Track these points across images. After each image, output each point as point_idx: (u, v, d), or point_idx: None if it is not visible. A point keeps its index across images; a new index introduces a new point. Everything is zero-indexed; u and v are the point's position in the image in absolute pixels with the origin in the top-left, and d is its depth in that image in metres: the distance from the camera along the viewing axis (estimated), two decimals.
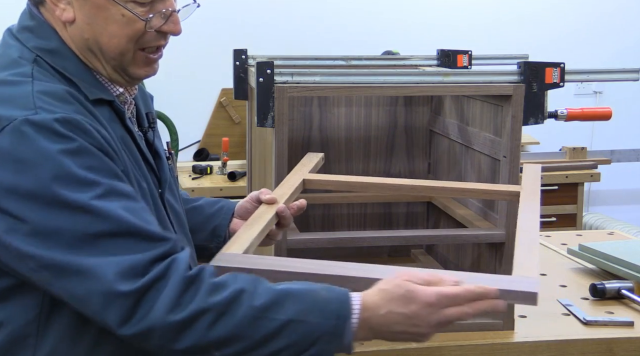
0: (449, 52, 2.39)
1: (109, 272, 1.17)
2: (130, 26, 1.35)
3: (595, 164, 4.47)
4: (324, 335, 1.20)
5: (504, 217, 1.87)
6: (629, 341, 1.86)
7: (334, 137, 2.37)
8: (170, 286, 1.18)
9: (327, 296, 1.22)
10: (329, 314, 1.20)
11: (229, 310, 1.18)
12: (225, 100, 4.70)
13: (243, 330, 1.18)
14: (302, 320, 1.19)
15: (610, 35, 5.17)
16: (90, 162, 1.22)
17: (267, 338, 1.19)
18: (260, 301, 1.19)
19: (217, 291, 1.19)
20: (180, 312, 1.17)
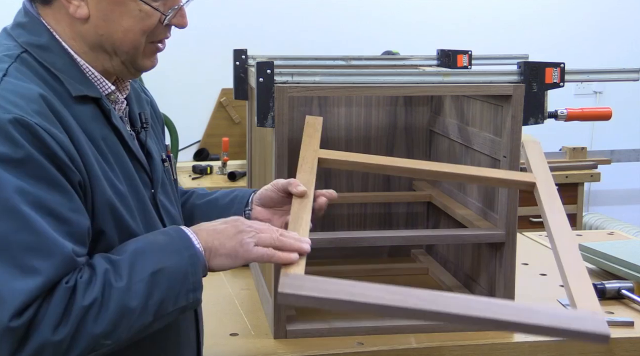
0: (449, 52, 2.39)
1: (9, 306, 1.16)
2: (146, 20, 1.36)
3: (595, 164, 4.47)
4: (187, 266, 1.29)
5: (504, 216, 1.87)
6: (629, 341, 1.86)
7: (334, 137, 2.37)
8: (54, 304, 1.19)
9: (167, 238, 1.32)
10: (178, 250, 1.30)
11: (104, 299, 1.22)
12: (225, 100, 4.70)
13: (122, 308, 1.23)
14: (162, 267, 1.27)
15: (610, 35, 5.17)
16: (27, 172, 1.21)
17: (145, 301, 1.25)
18: (124, 273, 1.25)
19: (90, 287, 1.22)
20: (65, 326, 1.19)
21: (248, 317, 1.99)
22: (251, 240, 1.34)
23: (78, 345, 1.20)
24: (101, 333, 1.22)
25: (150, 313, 1.26)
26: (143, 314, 1.25)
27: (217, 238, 1.35)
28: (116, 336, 1.24)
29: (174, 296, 1.28)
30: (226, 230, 1.36)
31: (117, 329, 1.23)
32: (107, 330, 1.22)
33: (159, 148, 1.54)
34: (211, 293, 2.13)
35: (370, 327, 1.86)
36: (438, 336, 1.85)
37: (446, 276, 2.23)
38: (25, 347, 1.17)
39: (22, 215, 1.18)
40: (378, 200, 2.43)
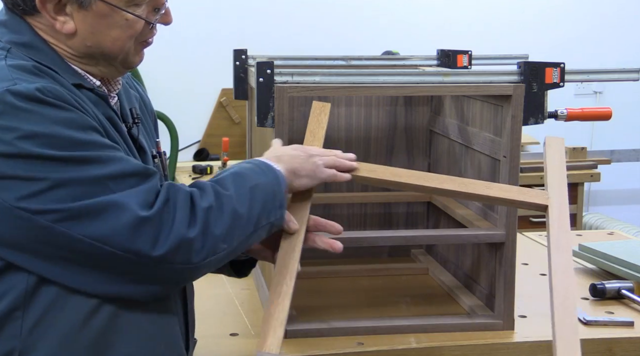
0: (449, 52, 2.39)
1: (132, 202, 1.25)
2: (132, 28, 1.37)
3: (595, 164, 4.47)
4: (274, 185, 1.42)
5: (504, 217, 1.87)
6: (629, 341, 1.86)
7: (334, 137, 2.37)
8: (179, 205, 1.29)
9: (252, 165, 1.44)
10: (264, 173, 1.42)
11: (218, 203, 1.32)
12: (225, 100, 4.70)
13: (234, 212, 1.33)
14: (257, 183, 1.39)
15: (610, 35, 5.17)
16: (77, 123, 1.27)
17: (249, 209, 1.36)
18: (229, 185, 1.36)
19: (204, 194, 1.32)
20: (195, 226, 1.28)
21: (248, 317, 1.99)
22: (321, 162, 1.51)
23: (206, 245, 1.29)
24: (220, 234, 1.31)
25: (252, 223, 1.36)
26: (248, 222, 1.36)
27: (297, 162, 1.49)
28: (230, 240, 1.33)
29: (267, 210, 1.39)
30: (300, 155, 1.51)
31: (231, 233, 1.33)
32: (225, 233, 1.31)
33: (150, 144, 1.55)
34: (211, 293, 2.13)
35: (370, 327, 1.86)
36: (438, 336, 1.85)
37: (446, 276, 2.23)
38: (166, 239, 1.25)
39: (104, 159, 1.27)
40: (378, 200, 2.43)
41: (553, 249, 1.51)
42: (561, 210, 1.58)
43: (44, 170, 1.23)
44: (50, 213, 1.23)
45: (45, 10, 1.33)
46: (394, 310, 2.03)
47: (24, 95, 1.24)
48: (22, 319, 1.29)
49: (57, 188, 1.23)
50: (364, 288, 2.21)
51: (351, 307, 2.05)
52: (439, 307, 2.04)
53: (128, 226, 1.24)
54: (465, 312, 2.00)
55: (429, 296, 2.14)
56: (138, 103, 1.57)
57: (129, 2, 1.35)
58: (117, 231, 1.24)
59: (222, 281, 2.23)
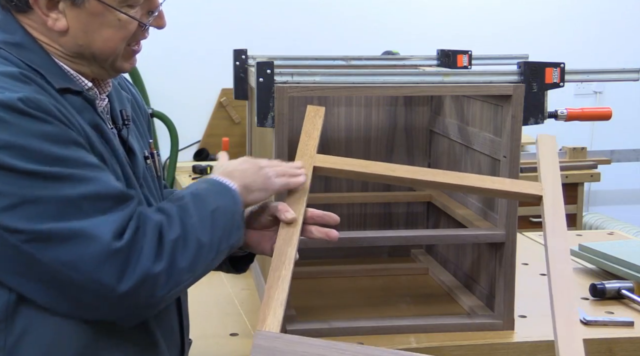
0: (449, 52, 2.39)
1: (103, 231, 1.22)
2: (125, 29, 1.36)
3: (595, 164, 4.47)
4: (232, 206, 1.40)
5: (504, 217, 1.87)
6: (629, 341, 1.86)
7: (334, 137, 2.37)
8: (148, 237, 1.26)
9: (208, 185, 1.42)
10: (221, 193, 1.40)
11: (184, 234, 1.30)
12: (225, 100, 4.70)
13: (198, 242, 1.31)
14: (217, 206, 1.37)
15: (610, 35, 5.17)
16: (57, 137, 1.24)
17: (211, 236, 1.34)
18: (192, 212, 1.34)
19: (172, 224, 1.30)
20: (161, 260, 1.26)
21: (248, 317, 1.99)
22: (272, 173, 1.48)
23: (171, 279, 1.27)
24: (185, 267, 1.29)
25: (214, 249, 1.34)
26: (211, 249, 1.34)
27: (249, 176, 1.46)
28: (194, 270, 1.31)
29: (227, 233, 1.37)
30: (250, 168, 1.47)
31: (196, 263, 1.31)
32: (190, 264, 1.30)
33: (142, 145, 1.53)
34: (211, 293, 2.13)
35: (370, 327, 1.86)
36: (438, 336, 1.85)
37: (446, 276, 2.23)
38: (132, 274, 1.23)
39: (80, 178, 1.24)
40: (378, 200, 2.43)
41: (549, 235, 1.51)
42: (555, 200, 1.58)
43: (15, 184, 1.20)
44: (18, 233, 1.20)
45: (38, 6, 1.32)
46: (394, 310, 2.03)
47: (5, 104, 1.21)
48: (5, 332, 1.28)
49: (27, 204, 1.20)
50: (364, 288, 2.21)
51: (351, 307, 2.05)
52: (439, 307, 2.05)
53: (96, 256, 1.21)
54: (465, 312, 2.00)
55: (429, 296, 2.15)
56: (130, 104, 1.56)
57: (123, 3, 1.34)
58: (85, 260, 1.21)
59: (222, 282, 2.23)
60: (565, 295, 1.40)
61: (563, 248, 1.49)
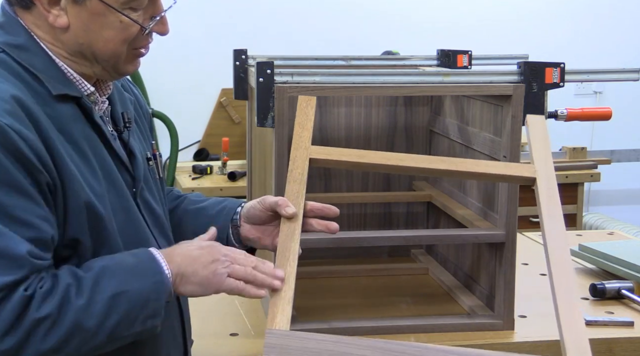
0: (449, 52, 2.39)
1: None
2: (126, 31, 1.36)
3: (595, 164, 4.47)
4: (150, 293, 1.29)
5: (504, 216, 1.87)
6: (629, 341, 1.86)
7: (334, 137, 2.37)
8: (7, 310, 1.19)
9: (136, 260, 1.31)
10: (144, 274, 1.29)
11: (59, 314, 1.21)
12: (225, 100, 4.70)
13: (78, 325, 1.22)
14: (124, 290, 1.26)
15: (610, 35, 5.17)
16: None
17: (101, 322, 1.24)
18: (86, 291, 1.24)
19: (48, 299, 1.21)
20: (13, 336, 1.18)
21: (248, 317, 1.99)
22: (225, 271, 1.33)
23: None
24: (49, 349, 1.21)
25: (104, 335, 1.25)
26: (97, 335, 1.24)
27: (191, 265, 1.33)
28: (64, 353, 1.23)
29: (131, 321, 1.27)
30: (201, 257, 1.34)
31: (66, 346, 1.22)
32: (56, 347, 1.22)
33: (143, 147, 1.53)
34: None
35: (370, 327, 1.86)
36: (438, 336, 1.85)
37: (446, 276, 2.23)
38: None
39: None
40: (378, 200, 2.43)
41: (545, 218, 1.51)
42: (549, 182, 1.58)
43: None
44: None
45: (40, 2, 1.33)
46: (394, 310, 2.03)
47: None
48: None
49: None
50: (364, 288, 2.21)
51: (351, 307, 2.05)
52: (439, 307, 2.05)
53: None
54: (465, 312, 2.00)
55: (429, 296, 2.15)
56: (133, 106, 1.55)
57: (125, 5, 1.34)
58: None
59: None
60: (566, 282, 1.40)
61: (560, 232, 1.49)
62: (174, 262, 1.33)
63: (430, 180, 2.43)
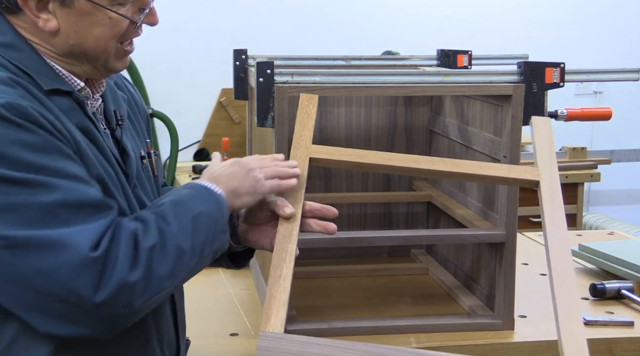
0: (449, 52, 2.39)
1: (80, 240, 1.21)
2: (116, 27, 1.36)
3: (595, 164, 4.47)
4: (216, 211, 1.38)
5: (504, 216, 1.87)
6: (629, 341, 1.86)
7: (334, 137, 2.37)
8: (123, 246, 1.25)
9: (191, 191, 1.40)
10: (204, 199, 1.38)
11: (162, 241, 1.29)
12: (225, 100, 4.70)
13: (179, 248, 1.30)
14: (199, 212, 1.35)
15: (611, 35, 5.17)
16: (37, 144, 1.23)
17: (193, 242, 1.32)
18: (171, 219, 1.32)
19: (147, 233, 1.29)
20: (137, 268, 1.25)
21: (248, 317, 2.00)
22: (261, 176, 1.44)
23: (149, 287, 1.25)
24: (165, 274, 1.27)
25: (196, 255, 1.33)
26: (192, 255, 1.32)
27: (235, 180, 1.42)
28: (175, 277, 1.30)
29: (211, 238, 1.35)
30: (238, 171, 1.44)
31: (176, 270, 1.29)
32: (169, 271, 1.28)
33: (137, 145, 1.53)
34: (211, 293, 2.13)
35: (370, 327, 1.86)
36: (438, 336, 1.85)
37: (446, 276, 2.23)
38: (107, 283, 1.21)
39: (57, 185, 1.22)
40: (378, 200, 2.43)
41: (548, 223, 1.50)
42: (552, 185, 1.58)
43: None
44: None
45: (28, 7, 1.32)
46: (394, 310, 2.03)
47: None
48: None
49: (5, 211, 1.19)
50: (364, 288, 2.21)
51: (351, 307, 2.05)
52: (439, 307, 2.05)
53: (72, 265, 1.20)
54: (465, 312, 2.00)
55: (429, 296, 2.15)
56: (128, 104, 1.55)
57: (113, 1, 1.33)
58: (60, 269, 1.20)
59: (222, 281, 2.23)
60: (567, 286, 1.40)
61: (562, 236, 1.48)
62: (220, 183, 1.41)
63: (430, 180, 2.43)
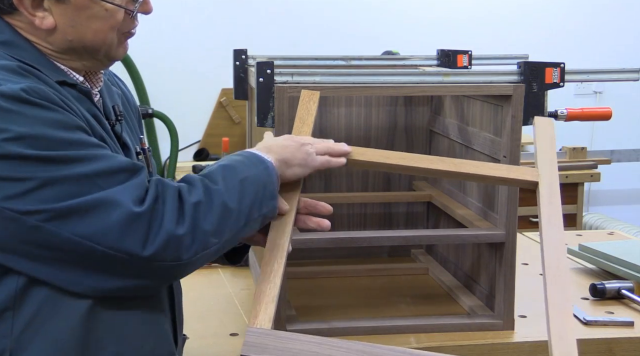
0: (449, 52, 2.39)
1: (123, 198, 1.25)
2: (113, 18, 1.37)
3: (595, 164, 4.47)
4: (265, 177, 1.41)
5: (504, 216, 1.87)
6: (629, 341, 1.86)
7: (334, 137, 2.35)
8: (168, 201, 1.28)
9: (242, 158, 1.43)
10: (254, 165, 1.41)
11: (207, 198, 1.31)
12: (225, 100, 4.70)
13: (224, 205, 1.33)
14: (247, 176, 1.38)
15: (610, 35, 5.17)
16: (62, 122, 1.27)
17: (239, 203, 1.35)
18: (218, 179, 1.35)
19: (193, 189, 1.32)
20: (183, 222, 1.28)
21: (248, 317, 1.99)
22: (313, 150, 1.49)
23: (195, 242, 1.28)
24: (210, 230, 1.30)
25: (243, 216, 1.35)
26: (239, 216, 1.35)
27: (287, 151, 1.47)
28: (221, 235, 1.32)
29: (259, 202, 1.38)
30: (291, 145, 1.48)
31: (222, 227, 1.32)
32: (215, 228, 1.30)
33: (134, 141, 1.54)
34: (211, 293, 2.13)
35: (370, 327, 1.86)
36: (438, 336, 1.85)
37: (446, 276, 2.23)
38: (155, 237, 1.25)
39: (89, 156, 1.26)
40: (378, 200, 2.43)
41: (544, 224, 1.50)
42: (551, 187, 1.58)
43: (31, 171, 1.22)
44: (39, 213, 1.22)
45: (23, 7, 1.33)
46: (394, 310, 2.03)
47: (9, 95, 1.23)
48: (13, 319, 1.29)
49: (44, 187, 1.23)
50: (364, 288, 2.21)
51: (351, 307, 2.05)
52: (439, 307, 2.04)
53: (118, 223, 1.24)
54: (465, 312, 2.00)
55: (429, 296, 2.15)
56: (121, 100, 1.57)
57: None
58: (107, 229, 1.23)
59: (222, 281, 2.23)
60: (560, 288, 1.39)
61: (559, 239, 1.48)
62: (272, 152, 1.46)
63: (430, 180, 2.43)
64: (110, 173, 1.26)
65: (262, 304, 1.33)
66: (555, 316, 1.34)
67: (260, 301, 1.33)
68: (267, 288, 1.35)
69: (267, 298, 1.33)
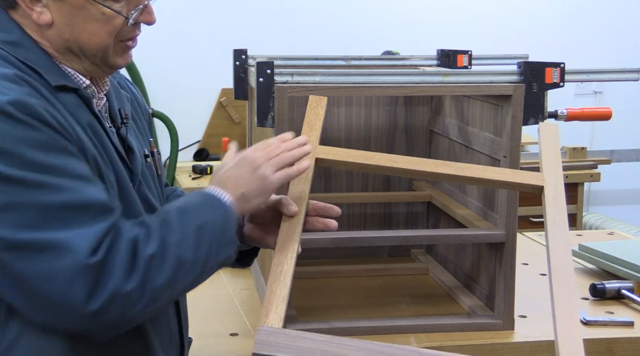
0: (449, 52, 2.39)
1: (80, 245, 1.20)
2: (110, 23, 1.35)
3: (595, 164, 4.47)
4: (223, 223, 1.35)
5: (504, 216, 1.87)
6: (629, 341, 1.86)
7: (334, 137, 2.37)
8: (121, 253, 1.23)
9: (200, 199, 1.37)
10: (212, 208, 1.35)
11: (163, 250, 1.26)
12: (225, 100, 4.70)
13: (179, 258, 1.27)
14: (204, 222, 1.32)
15: (610, 35, 5.17)
16: (44, 144, 1.23)
17: (194, 253, 1.29)
18: (175, 227, 1.29)
19: (149, 240, 1.26)
20: (134, 277, 1.22)
21: (248, 317, 2.00)
22: (270, 171, 1.40)
23: (144, 296, 1.23)
24: (162, 285, 1.25)
25: (198, 266, 1.30)
26: (194, 267, 1.29)
27: (244, 183, 1.39)
28: (174, 288, 1.28)
29: (216, 250, 1.33)
30: (245, 172, 1.40)
31: (175, 281, 1.27)
32: (167, 282, 1.26)
33: (141, 144, 1.53)
34: (211, 293, 2.13)
35: (370, 327, 1.86)
36: (438, 336, 1.85)
37: (446, 276, 2.23)
38: (102, 292, 1.20)
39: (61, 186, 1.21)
40: (378, 200, 2.43)
41: (550, 227, 1.50)
42: (557, 191, 1.58)
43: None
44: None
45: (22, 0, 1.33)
46: (394, 310, 2.03)
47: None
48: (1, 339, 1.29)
49: (6, 210, 1.19)
50: (364, 288, 2.21)
51: (351, 307, 2.05)
52: (439, 307, 2.05)
53: (69, 270, 1.19)
54: (465, 312, 2.00)
55: (429, 296, 2.15)
56: (130, 103, 1.56)
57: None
58: (58, 273, 1.19)
59: (222, 281, 2.23)
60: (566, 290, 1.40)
61: (564, 241, 1.48)
62: (228, 187, 1.38)
63: (430, 181, 2.43)
64: (78, 208, 1.22)
65: (273, 304, 1.33)
66: (561, 317, 1.35)
67: (271, 301, 1.33)
68: (277, 288, 1.35)
69: (277, 298, 1.34)
